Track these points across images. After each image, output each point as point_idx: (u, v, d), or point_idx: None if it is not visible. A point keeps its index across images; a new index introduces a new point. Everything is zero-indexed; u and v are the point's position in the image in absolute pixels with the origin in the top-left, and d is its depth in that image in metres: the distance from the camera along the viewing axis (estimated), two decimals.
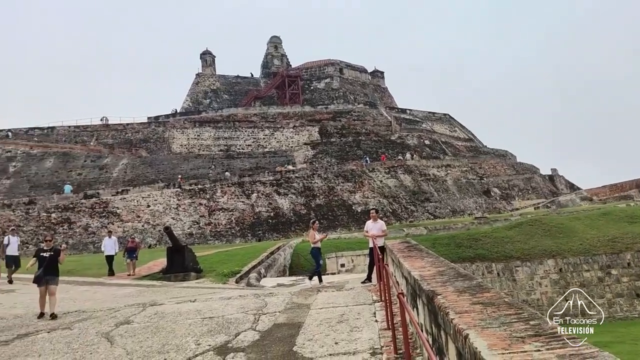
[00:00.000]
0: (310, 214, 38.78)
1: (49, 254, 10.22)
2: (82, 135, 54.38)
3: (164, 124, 57.34)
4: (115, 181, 43.41)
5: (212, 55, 79.86)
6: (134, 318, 9.49)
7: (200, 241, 32.71)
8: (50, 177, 43.46)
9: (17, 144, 47.02)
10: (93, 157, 46.45)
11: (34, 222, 30.98)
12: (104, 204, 32.84)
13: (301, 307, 9.43)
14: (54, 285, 10.14)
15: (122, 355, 6.96)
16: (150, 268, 19.90)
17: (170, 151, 53.02)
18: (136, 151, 49.91)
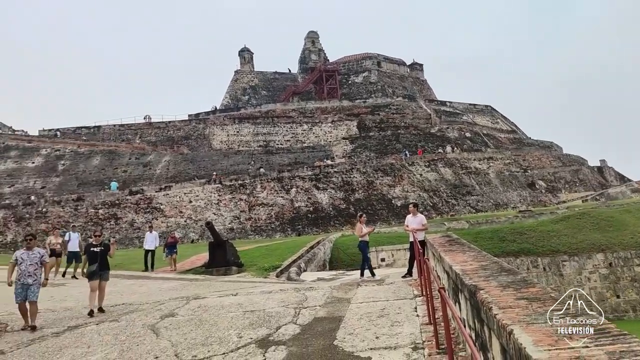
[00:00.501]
0: (350, 208, 38.72)
1: (99, 249, 10.27)
2: (126, 133, 56.05)
3: (204, 121, 58.36)
4: (159, 178, 44.51)
5: (250, 52, 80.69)
6: (178, 311, 9.70)
7: (241, 236, 33.17)
8: (97, 175, 44.99)
9: (65, 143, 48.90)
10: (137, 154, 47.79)
11: (83, 218, 32.16)
12: (148, 200, 33.76)
13: (341, 301, 9.43)
14: (105, 280, 10.24)
15: (168, 347, 7.12)
16: (193, 262, 20.26)
17: (211, 147, 53.93)
18: (178, 148, 51.03)
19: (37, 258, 9.16)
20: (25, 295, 8.89)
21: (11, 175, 44.55)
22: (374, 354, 5.90)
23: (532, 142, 69.17)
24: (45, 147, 47.73)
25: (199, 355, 6.58)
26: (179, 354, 6.72)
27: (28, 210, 32.44)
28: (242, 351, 6.57)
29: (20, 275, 8.97)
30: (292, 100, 69.88)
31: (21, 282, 8.93)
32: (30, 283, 8.94)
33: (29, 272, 8.99)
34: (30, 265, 9.03)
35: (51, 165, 45.79)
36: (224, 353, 6.56)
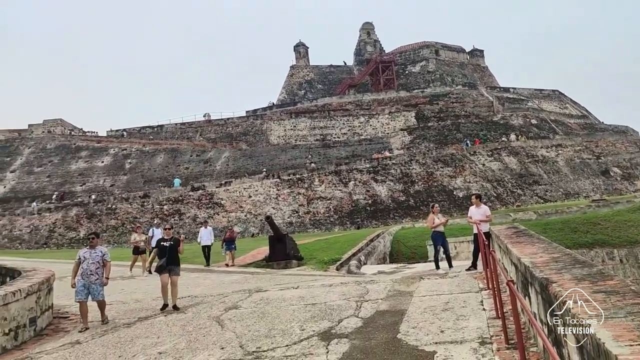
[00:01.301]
0: (409, 200, 38.19)
1: (169, 244, 10.17)
2: (187, 131, 57.91)
3: (262, 116, 59.28)
4: (219, 174, 45.71)
5: (306, 47, 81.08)
6: (242, 303, 9.89)
7: (300, 229, 33.50)
8: (161, 172, 46.81)
9: (131, 143, 51.24)
10: (198, 151, 49.30)
11: (149, 214, 33.60)
12: (210, 196, 34.75)
13: (403, 295, 9.28)
14: (175, 275, 10.06)
15: (232, 338, 7.27)
16: (254, 256, 20.57)
17: (268, 143, 54.72)
18: (237, 144, 52.16)
19: (99, 257, 9.15)
20: (86, 293, 8.90)
21: (82, 174, 47.20)
22: (440, 348, 5.74)
23: (605, 127, 65.40)
24: (113, 147, 50.20)
25: (263, 346, 6.67)
26: (243, 345, 6.83)
27: (99, 207, 34.26)
28: (305, 343, 6.59)
29: (82, 274, 8.99)
30: (348, 93, 69.64)
31: (83, 280, 8.94)
32: (92, 282, 8.95)
33: (90, 270, 8.99)
34: (92, 264, 9.03)
35: (119, 164, 48.10)
36: (287, 345, 6.61)
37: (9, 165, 49.17)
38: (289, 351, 6.33)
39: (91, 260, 9.02)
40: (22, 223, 33.82)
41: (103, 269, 9.14)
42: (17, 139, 54.21)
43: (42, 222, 33.75)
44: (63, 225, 33.38)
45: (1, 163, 49.47)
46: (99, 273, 9.04)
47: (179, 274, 10.23)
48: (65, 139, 52.99)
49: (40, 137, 54.04)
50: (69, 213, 34.19)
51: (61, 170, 47.80)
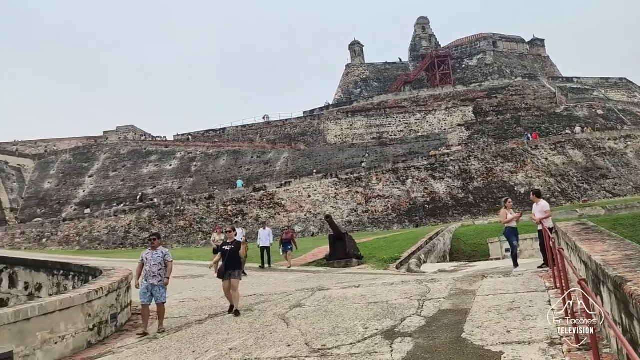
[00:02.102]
0: (468, 197, 37.40)
1: (229, 247, 9.87)
2: (248, 133, 59.34)
3: (319, 116, 59.77)
4: (279, 174, 46.60)
5: (361, 45, 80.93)
6: (305, 302, 10.10)
7: (359, 228, 33.58)
8: (225, 174, 48.32)
9: (196, 146, 53.27)
10: (258, 153, 50.47)
11: (214, 215, 34.81)
12: (271, 196, 35.53)
13: (466, 294, 9.19)
14: (235, 279, 9.73)
15: (298, 336, 7.48)
16: (315, 255, 20.81)
17: (326, 142, 55.11)
18: (295, 145, 52.91)
19: (160, 258, 9.06)
20: (149, 296, 8.88)
21: (153, 177, 49.58)
22: (507, 348, 5.68)
23: None
24: (180, 151, 52.36)
25: (327, 344, 6.81)
26: (309, 343, 7.02)
27: (169, 209, 35.89)
28: (369, 342, 6.68)
29: (146, 276, 8.95)
30: (404, 90, 68.93)
31: (146, 282, 8.91)
32: (154, 284, 8.90)
33: (153, 272, 8.93)
34: (154, 266, 8.97)
35: (185, 167, 50.11)
36: (352, 343, 6.72)
37: (87, 171, 52.42)
38: (353, 349, 6.43)
39: (153, 262, 8.97)
40: (100, 225, 36.00)
41: (165, 270, 9.07)
42: (94, 146, 57.73)
43: (118, 224, 35.79)
44: (137, 226, 35.25)
45: (80, 169, 52.79)
46: (162, 274, 8.99)
47: (239, 277, 9.93)
48: (136, 144, 55.89)
49: (115, 143, 57.29)
50: (142, 215, 36.05)
51: (134, 174, 50.47)
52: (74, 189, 50.68)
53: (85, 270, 12.80)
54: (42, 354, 7.57)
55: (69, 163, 54.27)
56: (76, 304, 8.48)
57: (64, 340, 8.05)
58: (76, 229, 36.09)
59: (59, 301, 8.20)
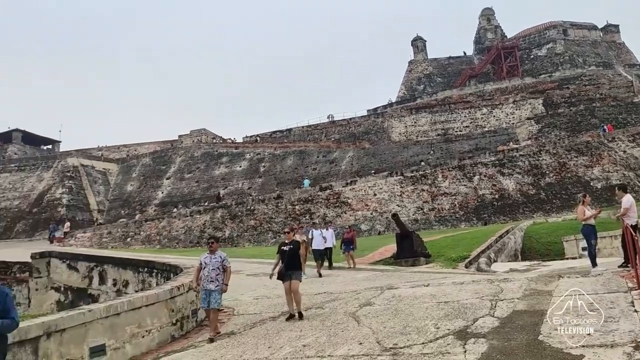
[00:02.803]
0: (540, 194, 35.93)
1: (288, 248, 9.60)
2: (313, 133, 60.08)
3: (382, 114, 59.47)
4: (344, 173, 46.90)
5: (423, 40, 79.63)
6: (375, 300, 10.22)
7: (425, 226, 33.17)
8: (292, 174, 49.30)
9: (264, 147, 54.72)
10: (324, 152, 51.04)
11: (283, 214, 35.64)
12: (337, 195, 35.84)
13: (542, 294, 8.97)
14: (296, 280, 9.44)
15: (369, 334, 7.62)
16: (382, 253, 20.80)
17: (390, 140, 54.78)
18: (359, 143, 52.99)
19: (219, 262, 8.88)
20: (208, 301, 8.77)
21: (224, 178, 51.50)
22: (588, 351, 5.52)
23: None
24: (249, 152, 53.97)
25: (399, 343, 6.89)
26: (380, 341, 7.14)
27: (240, 208, 37.14)
28: (441, 342, 6.69)
29: (203, 280, 8.81)
30: (469, 84, 67.13)
31: (204, 287, 8.78)
32: (211, 289, 8.71)
33: (211, 277, 8.77)
34: (212, 270, 8.81)
35: (254, 168, 51.62)
36: (423, 343, 6.76)
37: (165, 173, 55.23)
38: (425, 349, 6.47)
39: (211, 267, 8.82)
40: (178, 224, 37.88)
41: (223, 275, 8.86)
42: (170, 149, 60.71)
43: (194, 223, 37.49)
44: (211, 226, 36.78)
45: (159, 171, 55.72)
46: (219, 280, 8.80)
47: (300, 279, 9.65)
48: (208, 147, 58.16)
49: (189, 147, 59.97)
50: (216, 215, 37.55)
51: (207, 176, 52.66)
52: (153, 191, 53.55)
53: (167, 268, 13.57)
54: (131, 347, 8.14)
55: (148, 166, 57.37)
56: (160, 300, 9.06)
57: (150, 334, 8.64)
58: (157, 228, 38.18)
59: (145, 297, 8.80)
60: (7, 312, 5.36)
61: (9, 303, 5.42)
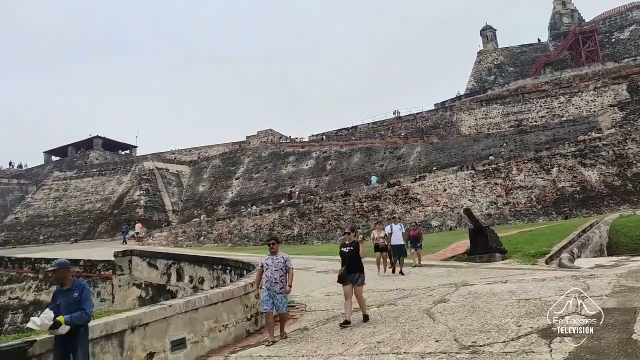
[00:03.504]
0: (627, 185, 33.56)
1: (348, 250, 9.05)
2: (379, 130, 59.59)
3: (451, 108, 57.93)
4: (412, 169, 46.12)
5: (493, 30, 76.79)
6: (450, 297, 9.96)
7: (500, 222, 31.92)
8: (358, 171, 49.16)
9: (330, 145, 54.92)
10: (391, 149, 50.46)
11: (351, 212, 35.63)
12: (405, 191, 35.31)
13: (634, 291, 8.34)
14: (359, 285, 8.90)
15: (446, 332, 7.41)
16: (455, 250, 20.36)
17: (459, 134, 53.26)
18: (427, 139, 51.94)
19: (282, 264, 8.53)
20: (272, 304, 8.38)
21: (292, 177, 52.26)
22: None
23: None
24: (315, 151, 54.40)
25: (478, 341, 6.65)
26: (458, 339, 6.91)
27: (308, 207, 37.54)
28: (524, 341, 6.40)
29: (267, 283, 8.48)
30: (544, 73, 63.87)
31: (268, 291, 8.44)
32: (277, 291, 8.41)
33: (275, 279, 8.44)
34: (275, 272, 8.47)
35: (321, 166, 51.97)
36: (505, 342, 6.49)
37: (234, 174, 56.93)
38: (507, 347, 6.21)
39: (274, 268, 8.50)
40: (248, 223, 38.94)
41: (287, 277, 8.51)
42: (239, 151, 62.54)
43: (263, 222, 38.38)
44: (280, 224, 37.47)
45: (228, 172, 57.54)
46: (283, 282, 8.46)
47: (363, 283, 9.03)
48: (276, 147, 59.26)
49: (257, 147, 61.41)
50: (284, 213, 38.22)
51: (274, 175, 53.68)
52: (224, 191, 55.31)
53: (240, 265, 13.91)
54: (209, 341, 8.41)
55: (218, 168, 59.34)
56: (235, 296, 9.29)
57: (227, 329, 8.88)
58: (228, 227, 39.43)
59: (221, 293, 9.05)
60: (82, 303, 5.71)
61: (85, 294, 5.79)
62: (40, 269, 25.67)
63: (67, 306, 5.43)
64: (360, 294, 8.87)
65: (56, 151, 79.73)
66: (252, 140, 68.32)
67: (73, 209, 56.96)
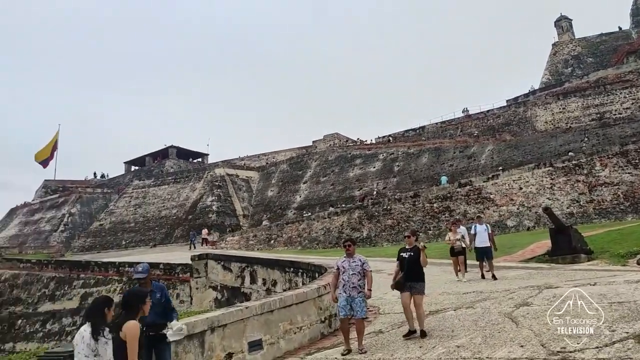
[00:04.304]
0: None
1: (408, 255, 8.38)
2: (448, 129, 58.13)
3: (524, 103, 55.47)
4: (484, 168, 44.52)
5: (568, 20, 72.97)
6: (532, 300, 9.44)
7: (583, 220, 30.03)
8: (427, 172, 48.11)
9: (397, 146, 54.14)
10: (460, 148, 49.00)
11: (420, 213, 34.88)
12: (477, 191, 34.08)
13: None
14: (419, 294, 8.20)
15: (530, 336, 7.01)
16: (533, 250, 19.46)
17: (534, 130, 50.84)
18: (499, 136, 49.98)
19: (359, 266, 7.89)
20: (350, 309, 7.76)
21: (358, 180, 52.04)
22: None
23: None
24: (382, 152, 53.87)
25: (567, 347, 6.27)
26: (545, 344, 6.54)
27: (376, 208, 37.18)
28: (619, 346, 5.94)
29: (344, 287, 7.85)
30: (627, 61, 59.67)
31: (345, 294, 7.82)
32: (354, 296, 7.74)
33: (352, 283, 7.77)
34: (353, 275, 7.81)
35: (388, 168, 51.36)
36: (597, 347, 6.06)
37: (302, 178, 57.56)
38: (600, 354, 5.81)
39: (352, 271, 7.84)
40: (317, 226, 39.18)
41: (364, 280, 7.87)
42: (305, 155, 63.26)
43: (332, 225, 38.46)
44: (348, 227, 37.39)
45: (296, 177, 58.31)
46: (361, 285, 7.82)
47: (422, 292, 8.31)
48: (342, 150, 59.27)
49: (323, 151, 61.80)
50: (352, 215, 38.09)
51: (341, 178, 53.68)
52: (291, 195, 56.04)
53: (311, 268, 13.95)
54: (284, 342, 8.46)
55: (286, 172, 60.24)
56: (309, 298, 9.29)
57: (301, 330, 8.89)
58: (297, 230, 39.86)
59: (294, 295, 9.08)
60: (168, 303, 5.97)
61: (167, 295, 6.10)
62: (124, 271, 27.18)
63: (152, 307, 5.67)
64: (419, 304, 8.11)
65: (135, 161, 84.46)
66: (318, 144, 68.80)
67: (151, 215, 59.91)
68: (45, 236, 63.75)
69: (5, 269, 36.45)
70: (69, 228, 64.26)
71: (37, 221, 68.65)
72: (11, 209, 77.72)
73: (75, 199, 69.09)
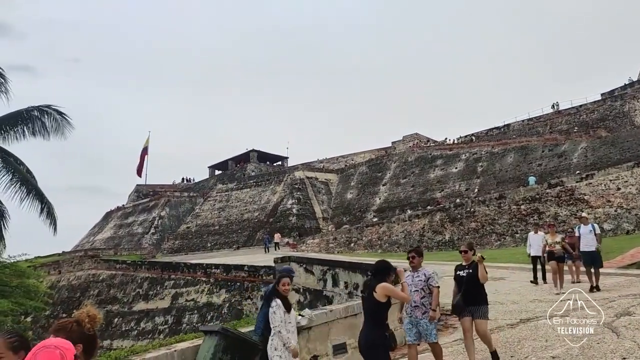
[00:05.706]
0: None
1: (466, 272, 7.02)
2: (535, 126, 55.30)
3: (621, 96, 51.54)
4: (576, 167, 41.83)
5: None
6: (635, 310, 8.84)
7: None
8: (513, 172, 45.98)
9: (480, 146, 52.16)
10: (549, 146, 46.33)
11: (506, 215, 33.37)
12: (569, 192, 32.07)
13: None
14: (481, 319, 6.82)
15: (634, 349, 6.57)
16: (633, 256, 18.18)
17: (633, 125, 47.06)
18: (594, 132, 46.73)
19: (423, 282, 6.68)
20: (416, 332, 6.68)
21: (440, 181, 50.79)
22: None
23: None
24: (464, 152, 52.17)
25: None
26: None
27: (459, 211, 36.09)
28: None
29: (407, 306, 6.74)
30: None
31: (408, 314, 6.74)
32: (418, 317, 6.62)
33: (414, 301, 6.61)
34: (415, 292, 6.60)
35: (471, 168, 49.67)
36: None
37: (381, 180, 57.18)
38: None
39: (414, 288, 6.64)
40: (397, 229, 38.73)
41: (429, 298, 6.66)
42: (385, 156, 62.78)
43: (413, 228, 37.86)
44: (430, 230, 36.62)
45: (375, 179, 58.04)
46: (426, 304, 6.63)
47: (485, 316, 6.91)
48: (422, 150, 58.08)
49: (402, 152, 60.97)
50: (434, 218, 37.22)
51: (422, 180, 52.66)
52: (371, 197, 55.80)
53: None
54: None
55: (365, 174, 60.10)
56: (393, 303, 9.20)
57: None
58: (377, 233, 39.61)
59: None
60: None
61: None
62: (210, 273, 28.35)
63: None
64: (483, 331, 6.79)
65: (218, 165, 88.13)
66: (398, 145, 67.98)
67: (234, 218, 62.12)
68: (137, 238, 68.21)
69: (103, 269, 39.33)
70: (159, 230, 68.29)
71: (130, 224, 73.59)
72: (107, 212, 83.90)
73: (164, 202, 73.26)
